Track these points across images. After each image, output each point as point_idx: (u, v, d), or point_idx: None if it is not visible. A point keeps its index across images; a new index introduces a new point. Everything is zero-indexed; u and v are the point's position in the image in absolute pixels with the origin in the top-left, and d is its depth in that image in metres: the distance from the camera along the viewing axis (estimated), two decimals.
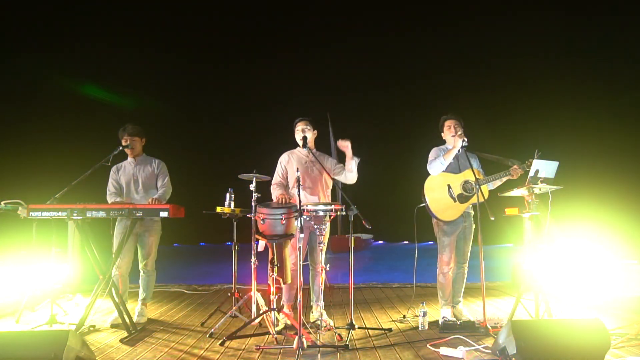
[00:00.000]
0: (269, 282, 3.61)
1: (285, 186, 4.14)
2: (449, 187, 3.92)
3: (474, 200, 3.87)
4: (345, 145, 3.98)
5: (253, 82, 15.90)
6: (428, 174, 4.00)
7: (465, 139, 3.77)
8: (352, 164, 4.04)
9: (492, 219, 3.45)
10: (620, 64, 11.82)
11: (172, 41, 14.89)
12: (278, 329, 3.59)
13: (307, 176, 4.07)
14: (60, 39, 12.32)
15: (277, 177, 4.16)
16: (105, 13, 12.99)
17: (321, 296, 3.77)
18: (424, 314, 3.77)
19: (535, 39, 13.16)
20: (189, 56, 15.65)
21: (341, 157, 4.21)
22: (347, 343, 3.29)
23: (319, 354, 3.09)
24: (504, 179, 3.95)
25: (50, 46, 12.22)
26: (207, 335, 3.59)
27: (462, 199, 3.90)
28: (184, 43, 15.23)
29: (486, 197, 3.73)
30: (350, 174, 4.09)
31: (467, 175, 3.92)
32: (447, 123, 4.08)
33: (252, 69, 15.89)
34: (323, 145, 4.14)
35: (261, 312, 3.70)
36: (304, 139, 3.99)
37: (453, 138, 3.92)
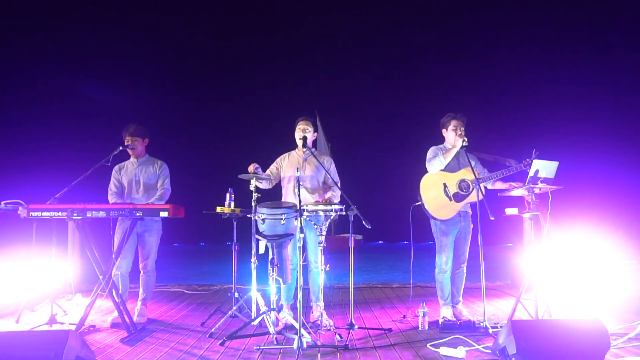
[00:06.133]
0: (269, 282, 3.61)
1: (271, 180, 4.15)
2: (445, 185, 3.92)
3: (470, 199, 3.88)
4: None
5: (253, 81, 15.91)
6: (424, 173, 4.00)
7: (466, 139, 3.79)
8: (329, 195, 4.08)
9: (492, 218, 3.45)
10: (620, 64, 11.82)
11: (172, 42, 14.89)
12: (278, 329, 3.59)
13: (303, 176, 4.08)
14: (60, 40, 12.32)
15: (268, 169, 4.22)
16: (105, 13, 12.99)
17: (321, 296, 3.77)
18: (424, 314, 3.77)
19: (535, 38, 13.17)
20: (189, 56, 15.66)
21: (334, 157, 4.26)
22: (347, 343, 3.29)
23: (319, 354, 3.09)
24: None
25: (51, 46, 12.23)
26: (207, 335, 3.59)
27: (458, 197, 3.90)
28: (183, 43, 15.23)
29: (483, 194, 3.72)
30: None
31: (464, 174, 3.93)
32: (453, 122, 4.07)
33: (252, 69, 15.89)
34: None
35: (261, 312, 3.70)
36: (304, 139, 4.01)
37: (454, 137, 3.93)
